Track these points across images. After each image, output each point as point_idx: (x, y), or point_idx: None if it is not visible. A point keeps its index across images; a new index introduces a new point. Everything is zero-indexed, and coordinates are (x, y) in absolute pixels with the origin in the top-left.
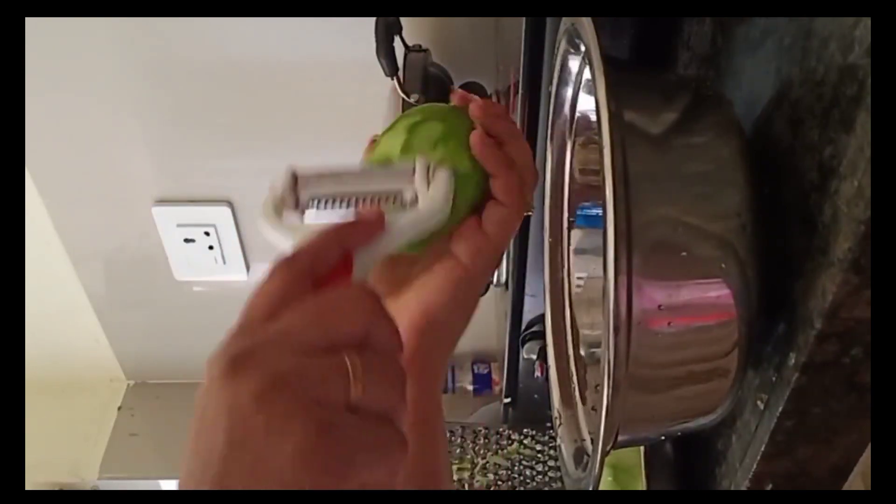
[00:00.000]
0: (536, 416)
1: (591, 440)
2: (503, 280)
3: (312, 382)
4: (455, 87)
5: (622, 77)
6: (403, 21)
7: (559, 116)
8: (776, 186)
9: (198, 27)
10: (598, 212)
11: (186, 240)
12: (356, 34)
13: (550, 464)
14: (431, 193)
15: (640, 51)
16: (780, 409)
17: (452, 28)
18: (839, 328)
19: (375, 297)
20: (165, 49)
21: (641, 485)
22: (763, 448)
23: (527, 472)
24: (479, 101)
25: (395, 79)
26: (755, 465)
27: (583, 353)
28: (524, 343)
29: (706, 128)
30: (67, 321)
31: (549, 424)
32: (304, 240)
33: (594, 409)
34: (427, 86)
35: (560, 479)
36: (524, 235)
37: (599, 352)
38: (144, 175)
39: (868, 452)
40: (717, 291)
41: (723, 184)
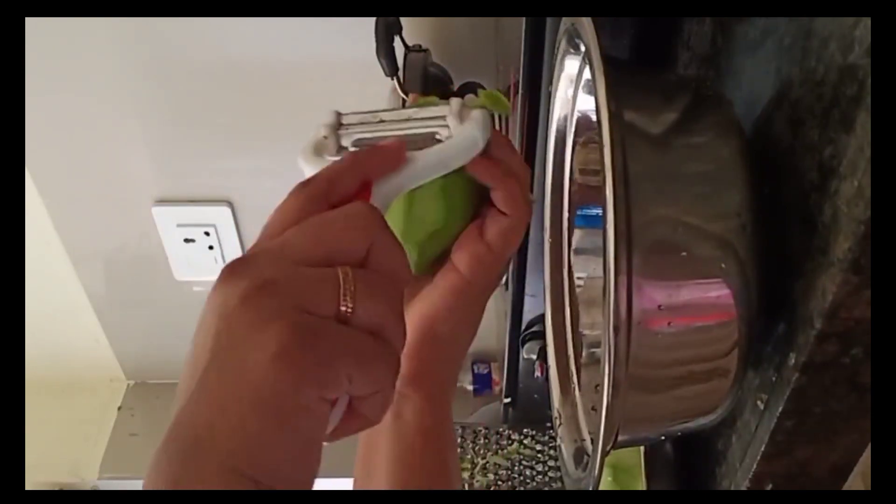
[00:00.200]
0: (536, 416)
1: (591, 440)
2: (503, 280)
3: (299, 289)
4: (455, 88)
5: (622, 77)
6: (403, 21)
7: (559, 116)
8: (776, 186)
9: (198, 27)
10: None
11: (186, 240)
12: (356, 34)
13: (550, 464)
14: (461, 130)
15: (640, 51)
16: (780, 409)
17: (452, 28)
18: (839, 328)
19: (378, 216)
20: (165, 49)
21: (641, 485)
22: (763, 448)
23: (527, 472)
24: None
25: (395, 79)
26: (755, 465)
27: (583, 353)
28: (524, 343)
29: (706, 128)
30: (67, 321)
31: (549, 424)
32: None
33: (594, 409)
34: (427, 86)
35: (560, 479)
36: (524, 235)
37: (599, 352)
38: (144, 175)
39: (868, 452)
40: (717, 291)
41: (723, 184)
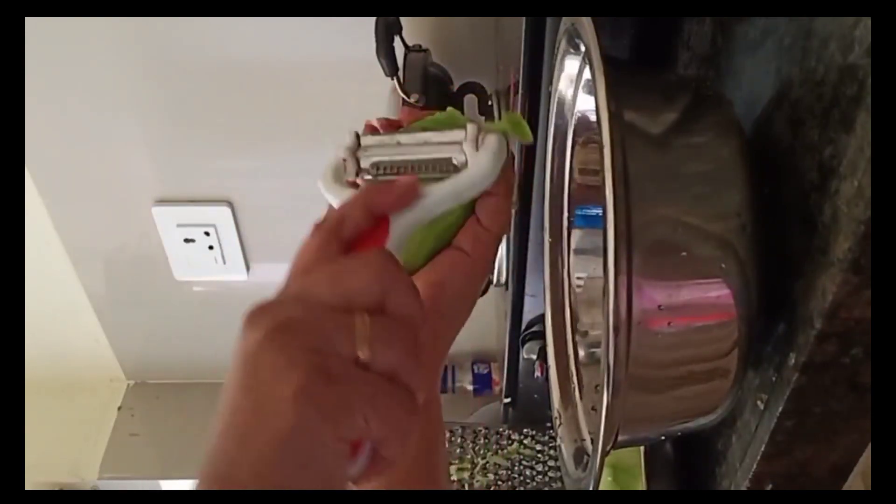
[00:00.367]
0: (536, 416)
1: (591, 440)
2: (503, 280)
3: (318, 332)
4: (455, 88)
5: (622, 77)
6: (403, 21)
7: (559, 116)
8: (776, 186)
9: (198, 27)
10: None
11: (186, 240)
12: (356, 34)
13: (550, 464)
14: (476, 160)
15: (640, 51)
16: (780, 409)
17: (452, 28)
18: (839, 328)
19: (395, 263)
20: (165, 49)
21: (641, 485)
22: (763, 448)
23: (527, 472)
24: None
25: (395, 79)
26: (755, 465)
27: (583, 353)
28: (524, 343)
29: (706, 128)
30: (67, 321)
31: (549, 424)
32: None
33: (594, 409)
34: (427, 86)
35: (560, 479)
36: (524, 235)
37: (599, 352)
38: (144, 175)
39: (868, 452)
40: (717, 291)
41: (723, 184)
